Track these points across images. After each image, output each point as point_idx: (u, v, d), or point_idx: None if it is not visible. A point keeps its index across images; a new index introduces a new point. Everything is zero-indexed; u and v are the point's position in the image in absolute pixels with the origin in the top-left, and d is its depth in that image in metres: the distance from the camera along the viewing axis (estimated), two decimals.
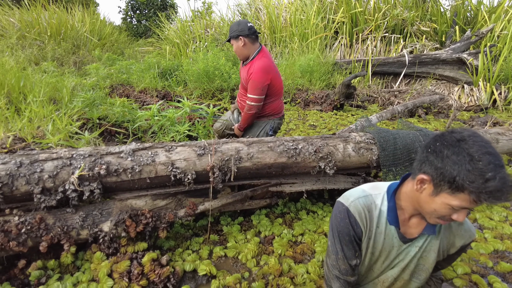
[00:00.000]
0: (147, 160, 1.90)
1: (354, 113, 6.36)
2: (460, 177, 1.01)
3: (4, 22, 8.90)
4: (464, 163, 1.01)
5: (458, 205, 1.06)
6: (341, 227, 1.31)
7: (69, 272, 1.89)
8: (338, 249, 1.33)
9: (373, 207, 1.32)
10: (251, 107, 3.03)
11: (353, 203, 1.31)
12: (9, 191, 1.74)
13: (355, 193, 1.35)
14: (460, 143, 1.04)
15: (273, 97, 3.18)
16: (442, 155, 1.07)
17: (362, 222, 1.30)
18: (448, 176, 1.04)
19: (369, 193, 1.34)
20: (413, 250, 1.33)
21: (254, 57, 3.03)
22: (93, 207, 1.92)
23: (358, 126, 3.09)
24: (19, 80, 3.32)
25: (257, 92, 2.95)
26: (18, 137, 2.36)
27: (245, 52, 3.03)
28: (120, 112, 3.59)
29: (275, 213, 2.60)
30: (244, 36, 2.93)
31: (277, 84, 3.13)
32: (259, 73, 2.91)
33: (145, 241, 1.96)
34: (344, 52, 9.44)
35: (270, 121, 3.26)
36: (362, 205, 1.31)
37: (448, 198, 1.07)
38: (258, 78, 2.91)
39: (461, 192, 1.03)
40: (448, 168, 1.04)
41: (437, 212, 1.13)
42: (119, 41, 12.18)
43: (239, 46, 3.00)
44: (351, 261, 1.33)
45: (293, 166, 2.22)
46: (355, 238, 1.31)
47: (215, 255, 2.08)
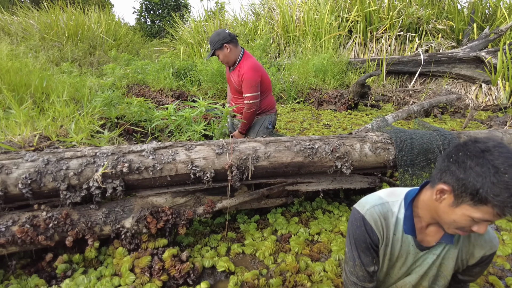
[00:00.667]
0: (168, 159, 1.95)
1: (369, 113, 6.32)
2: (484, 190, 0.98)
3: (24, 24, 9.15)
4: (488, 175, 0.97)
5: (479, 218, 1.03)
6: (357, 234, 1.31)
7: (92, 266, 1.96)
8: (355, 256, 1.33)
9: (389, 214, 1.30)
10: (251, 105, 3.17)
11: (368, 211, 1.30)
12: (37, 187, 1.82)
13: (371, 201, 1.33)
14: (485, 154, 1.00)
15: (265, 93, 3.36)
16: (465, 166, 1.02)
17: (378, 230, 1.29)
18: (470, 188, 1.00)
19: (386, 201, 1.32)
20: (430, 258, 1.31)
21: (240, 60, 3.20)
22: (115, 204, 1.99)
23: (374, 126, 3.08)
24: (42, 80, 3.43)
25: (252, 90, 3.12)
26: (43, 136, 2.44)
27: (232, 57, 3.18)
28: (137, 112, 3.66)
29: (291, 212, 2.63)
30: (227, 42, 3.10)
31: (266, 80, 3.32)
32: (250, 72, 3.09)
33: (165, 238, 2.01)
34: (358, 51, 9.38)
35: (267, 117, 3.43)
36: (378, 213, 1.29)
37: (470, 210, 1.03)
38: (251, 77, 3.09)
39: (484, 205, 0.99)
40: (471, 180, 1.00)
41: (457, 223, 1.10)
42: (133, 41, 12.38)
43: (225, 54, 3.15)
44: (369, 268, 1.32)
45: (309, 166, 2.24)
46: (371, 245, 1.30)
47: (232, 252, 2.12)
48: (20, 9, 10.20)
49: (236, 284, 1.82)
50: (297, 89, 7.43)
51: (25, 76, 3.44)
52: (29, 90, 3.35)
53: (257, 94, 3.16)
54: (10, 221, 1.77)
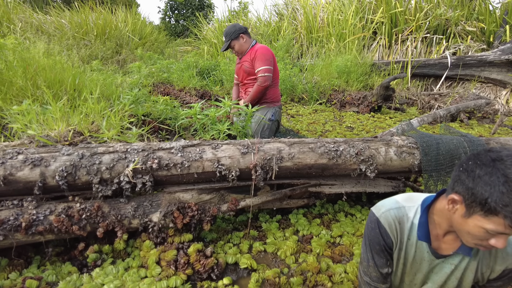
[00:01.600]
0: (195, 156, 2.02)
1: (392, 116, 6.22)
2: (492, 200, 0.95)
3: (57, 23, 9.54)
4: (497, 185, 0.94)
5: (493, 230, 0.99)
6: (371, 236, 1.33)
7: (121, 257, 2.05)
8: (369, 257, 1.35)
9: (405, 219, 1.30)
10: (265, 78, 3.19)
11: (384, 214, 1.31)
12: (72, 180, 1.92)
13: (387, 204, 1.34)
14: (496, 163, 0.97)
15: (274, 81, 3.40)
16: (473, 175, 1.00)
17: (392, 233, 1.30)
18: (479, 198, 0.98)
19: (402, 205, 1.32)
20: (448, 267, 1.29)
21: (251, 46, 3.33)
22: (144, 199, 2.07)
23: (399, 130, 3.05)
24: (75, 77, 3.58)
25: (267, 63, 3.18)
26: (76, 131, 2.56)
27: (246, 46, 3.33)
28: (163, 110, 3.77)
29: (313, 213, 2.64)
30: (243, 33, 3.28)
31: (276, 67, 3.41)
32: (264, 48, 3.23)
33: (190, 233, 2.07)
34: (383, 53, 9.24)
35: (271, 108, 3.44)
36: (393, 217, 1.29)
37: (482, 221, 1.00)
38: (265, 51, 3.21)
39: (495, 215, 0.96)
40: (479, 189, 0.98)
41: (472, 235, 1.07)
42: (158, 40, 12.65)
43: (241, 43, 3.31)
44: (382, 269, 1.34)
45: (333, 168, 2.25)
46: (385, 247, 1.32)
47: (254, 249, 2.16)
48: (53, 9, 10.63)
49: (258, 281, 1.85)
50: (319, 90, 7.41)
51: (58, 73, 3.60)
52: (62, 86, 3.50)
53: (271, 69, 3.20)
54: (48, 211, 1.88)
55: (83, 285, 1.77)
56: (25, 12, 9.50)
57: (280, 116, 3.64)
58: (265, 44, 9.44)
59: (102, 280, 1.81)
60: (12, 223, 1.79)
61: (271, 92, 3.42)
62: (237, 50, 3.39)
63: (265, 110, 3.42)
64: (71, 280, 1.80)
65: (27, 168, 1.85)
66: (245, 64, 3.37)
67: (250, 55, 3.30)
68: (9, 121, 2.64)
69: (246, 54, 3.37)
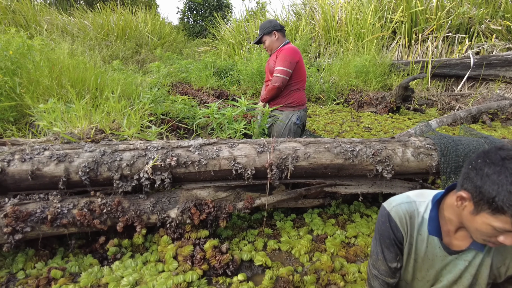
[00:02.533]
0: (212, 155, 2.06)
1: (411, 117, 6.12)
2: (499, 199, 0.95)
3: (80, 24, 9.84)
4: (505, 184, 0.94)
5: (500, 228, 1.00)
6: (382, 230, 1.35)
7: (139, 251, 2.11)
8: (378, 251, 1.37)
9: (415, 214, 1.31)
10: (277, 79, 3.16)
11: (394, 208, 1.32)
12: (94, 175, 1.99)
13: (398, 199, 1.35)
14: (505, 162, 0.98)
15: (298, 84, 3.35)
16: (482, 173, 1.01)
17: (402, 227, 1.31)
18: (487, 196, 0.99)
19: (413, 200, 1.33)
20: (461, 264, 1.27)
21: (283, 45, 3.29)
22: (162, 195, 2.13)
23: (417, 131, 3.01)
24: (97, 77, 3.70)
25: (285, 64, 3.13)
26: (98, 129, 2.66)
27: (277, 44, 3.30)
28: (182, 109, 3.84)
29: (328, 213, 2.64)
30: (277, 30, 3.24)
31: (302, 70, 3.34)
32: (289, 49, 3.19)
33: (207, 229, 2.12)
34: (402, 53, 9.08)
35: (296, 112, 3.39)
36: (404, 211, 1.31)
37: (489, 218, 1.01)
38: (288, 53, 3.16)
39: (502, 214, 0.97)
40: (487, 188, 0.98)
41: (480, 232, 1.07)
42: (177, 40, 12.86)
43: (272, 40, 3.28)
44: (391, 263, 1.35)
45: (349, 168, 2.25)
46: (395, 241, 1.33)
47: (269, 247, 2.18)
48: (77, 11, 10.97)
49: (272, 278, 1.88)
50: (337, 90, 7.36)
51: (81, 73, 3.73)
52: (85, 85, 3.63)
53: (287, 71, 3.15)
54: (71, 205, 1.96)
55: (104, 277, 1.84)
56: (51, 14, 9.84)
57: (305, 120, 3.60)
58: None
59: (121, 272, 1.88)
60: (38, 215, 1.88)
61: (296, 95, 3.37)
62: (266, 46, 3.38)
63: (290, 114, 3.38)
64: (92, 272, 1.87)
65: (52, 164, 1.94)
66: (270, 64, 3.38)
67: (276, 55, 3.29)
68: (36, 118, 2.76)
69: (274, 53, 3.36)
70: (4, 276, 1.82)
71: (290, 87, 3.30)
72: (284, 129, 3.40)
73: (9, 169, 1.88)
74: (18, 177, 1.90)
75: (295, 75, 3.26)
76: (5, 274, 1.84)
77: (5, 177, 1.88)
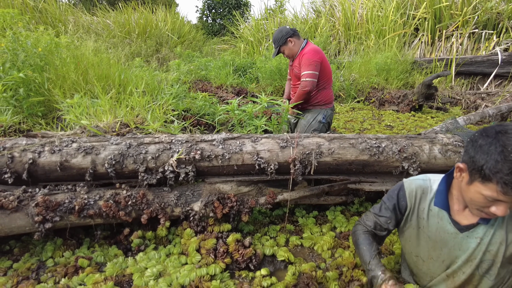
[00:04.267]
0: (236, 149, 2.06)
1: (434, 116, 5.95)
2: (487, 166, 1.03)
3: (102, 23, 10.07)
4: (494, 153, 1.02)
5: (490, 196, 1.06)
6: (389, 194, 1.52)
7: (162, 244, 2.13)
8: (375, 207, 1.57)
9: (428, 190, 1.40)
10: (306, 83, 3.15)
11: (409, 180, 1.46)
12: (120, 168, 2.02)
13: (417, 176, 1.48)
14: (498, 135, 1.04)
15: (324, 83, 3.33)
16: (476, 144, 1.09)
17: (410, 198, 1.41)
18: (477, 165, 1.06)
19: (429, 178, 1.42)
20: (473, 242, 1.28)
21: (303, 47, 3.26)
22: (186, 188, 2.14)
23: (443, 128, 2.92)
24: (121, 73, 3.77)
25: (311, 68, 3.11)
26: (123, 123, 2.70)
27: (296, 49, 3.28)
28: (202, 106, 3.87)
29: (351, 211, 2.60)
30: (290, 36, 3.21)
31: (327, 69, 3.31)
32: (311, 51, 3.15)
33: (229, 223, 2.12)
34: (425, 50, 8.84)
35: (322, 110, 3.38)
36: (417, 186, 1.42)
37: (480, 187, 1.08)
38: (310, 56, 3.13)
39: (490, 181, 1.03)
40: (478, 157, 1.06)
41: (473, 202, 1.14)
42: (196, 39, 12.97)
43: (290, 48, 3.27)
44: (379, 220, 1.53)
45: (374, 165, 2.20)
46: (396, 207, 1.46)
47: (291, 243, 2.16)
48: (100, 10, 11.23)
49: (294, 274, 1.85)
50: (357, 88, 7.24)
51: (105, 69, 3.81)
52: (109, 81, 3.71)
53: (315, 74, 3.13)
54: (97, 196, 2.00)
55: (128, 267, 1.87)
56: (75, 14, 10.11)
57: (332, 118, 3.58)
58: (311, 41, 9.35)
59: (145, 264, 1.90)
60: (67, 205, 1.92)
61: (323, 94, 3.36)
62: (287, 55, 3.37)
63: (316, 112, 3.39)
64: (117, 262, 1.90)
65: (80, 156, 1.98)
66: (295, 70, 3.36)
67: (299, 59, 3.26)
68: (63, 113, 2.83)
69: (296, 57, 3.33)
70: (35, 263, 1.88)
71: (317, 86, 3.29)
72: (307, 127, 3.38)
73: (39, 160, 1.94)
74: (48, 168, 1.95)
75: (320, 74, 3.23)
76: (35, 261, 1.90)
77: (36, 168, 1.94)
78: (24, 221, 1.86)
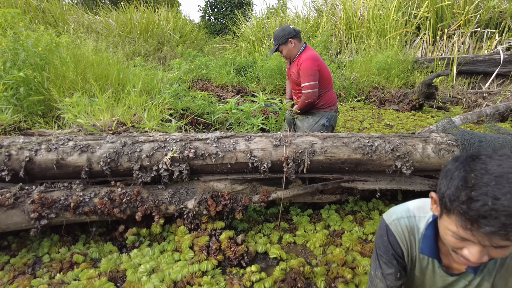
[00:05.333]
0: (229, 147, 2.08)
1: (434, 115, 5.94)
2: (447, 194, 0.87)
3: (104, 22, 10.12)
4: (458, 179, 0.87)
5: (455, 232, 0.89)
6: (379, 244, 1.26)
7: (157, 241, 2.17)
8: (376, 266, 1.28)
9: (415, 230, 1.20)
10: (308, 95, 3.16)
11: (394, 222, 1.23)
12: (115, 166, 2.06)
13: (398, 211, 1.25)
14: (468, 159, 0.90)
15: (325, 88, 3.31)
16: (446, 170, 0.93)
17: (402, 242, 1.22)
18: (440, 193, 0.91)
19: (414, 215, 1.21)
20: (462, 283, 1.17)
21: (300, 52, 3.23)
22: (180, 186, 2.17)
23: (439, 127, 2.93)
24: (120, 73, 3.81)
25: (310, 79, 3.12)
26: (120, 121, 2.74)
27: (295, 51, 3.25)
28: (201, 105, 3.89)
29: (345, 210, 2.62)
30: (292, 37, 3.17)
31: (325, 73, 3.28)
32: (308, 61, 3.12)
33: (223, 221, 2.15)
34: (426, 49, 8.81)
35: (326, 113, 3.36)
36: (403, 226, 1.21)
37: (446, 220, 0.91)
38: (308, 66, 3.11)
39: (451, 212, 0.88)
40: (441, 183, 0.91)
41: (446, 241, 0.96)
42: (198, 38, 13.01)
43: (289, 49, 3.23)
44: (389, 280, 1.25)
45: (367, 163, 2.22)
46: (395, 256, 1.24)
47: (284, 241, 2.19)
48: (102, 9, 11.29)
49: (283, 269, 1.88)
50: (358, 87, 7.24)
51: (105, 68, 3.85)
52: (108, 80, 3.75)
53: (315, 84, 3.15)
54: (93, 194, 2.04)
55: (123, 263, 1.90)
56: (78, 13, 10.18)
57: (335, 121, 3.55)
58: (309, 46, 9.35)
59: (139, 260, 1.94)
60: (62, 203, 1.96)
61: (326, 97, 3.35)
62: (285, 55, 3.35)
63: (319, 116, 3.38)
64: (112, 258, 1.94)
65: (76, 154, 2.01)
66: (293, 77, 3.36)
67: (297, 66, 3.24)
68: (62, 112, 2.87)
69: (294, 61, 3.31)
70: (31, 258, 1.92)
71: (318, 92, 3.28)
72: (310, 130, 3.37)
73: (36, 158, 1.97)
74: (44, 166, 1.99)
75: (320, 81, 3.23)
76: (32, 257, 1.94)
77: (33, 166, 1.98)
78: (21, 218, 1.90)
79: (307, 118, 3.45)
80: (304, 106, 3.28)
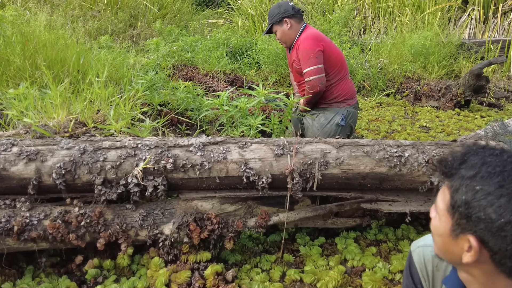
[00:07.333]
0: (218, 157, 2.10)
1: (485, 114, 5.98)
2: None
3: None
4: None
5: None
6: (404, 275, 1.34)
7: (124, 275, 2.19)
8: None
9: (442, 266, 1.24)
10: (312, 82, 3.14)
11: (418, 249, 1.28)
12: (71, 179, 2.08)
13: (428, 238, 1.28)
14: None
15: (336, 75, 3.29)
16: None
17: (423, 276, 1.26)
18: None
19: None
20: None
21: (299, 35, 3.24)
22: (155, 206, 2.19)
23: (489, 133, 2.95)
24: (79, 56, 3.83)
25: (312, 62, 3.09)
26: (79, 121, 2.76)
27: (292, 35, 3.26)
28: (184, 99, 3.92)
29: (367, 238, 2.64)
30: (288, 17, 3.18)
31: (334, 54, 3.26)
32: (307, 40, 3.13)
33: (209, 251, 2.17)
34: (475, 29, 8.87)
35: (341, 109, 3.33)
36: (428, 257, 1.25)
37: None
38: (308, 46, 3.11)
39: None
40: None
41: None
42: (181, 11, 13.04)
43: (284, 31, 3.24)
44: None
45: (395, 179, 2.24)
46: None
47: (288, 278, 2.20)
48: None
49: None
50: (387, 77, 7.29)
51: (60, 51, 3.88)
52: (65, 67, 3.77)
53: (319, 68, 3.12)
54: (42, 214, 2.06)
55: None
56: None
57: (355, 120, 3.53)
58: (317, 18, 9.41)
59: None
60: (3, 225, 1.97)
61: (339, 87, 3.33)
62: (279, 38, 3.37)
63: (332, 112, 3.36)
64: None
65: (21, 163, 2.03)
66: (294, 64, 3.36)
67: (296, 51, 3.26)
68: (4, 107, 2.89)
69: (293, 47, 3.32)
70: None
71: (327, 81, 3.27)
72: (320, 132, 3.31)
73: None
74: None
75: (327, 66, 3.21)
76: None
77: None
78: None
79: (318, 115, 3.42)
80: (310, 99, 3.27)
